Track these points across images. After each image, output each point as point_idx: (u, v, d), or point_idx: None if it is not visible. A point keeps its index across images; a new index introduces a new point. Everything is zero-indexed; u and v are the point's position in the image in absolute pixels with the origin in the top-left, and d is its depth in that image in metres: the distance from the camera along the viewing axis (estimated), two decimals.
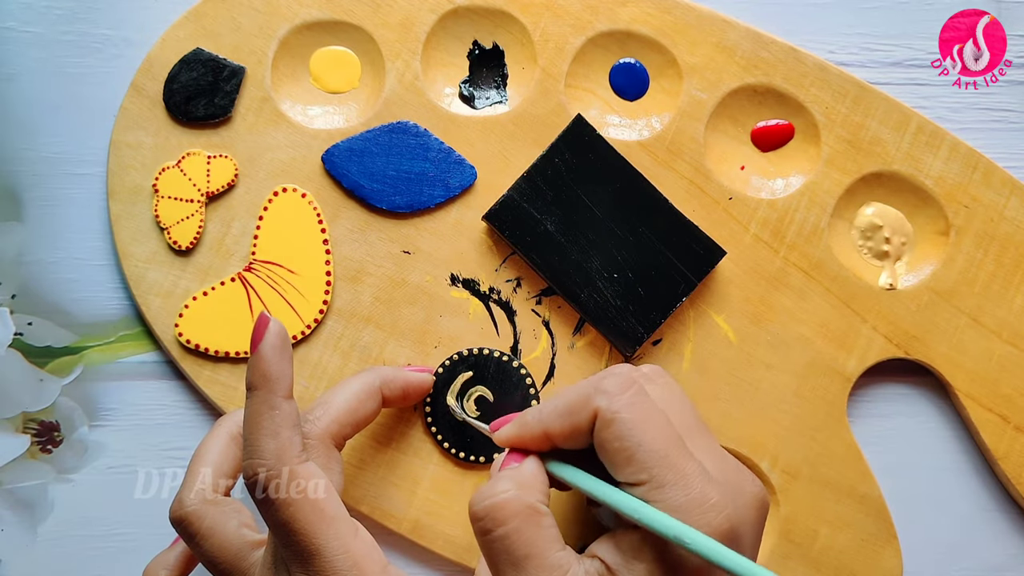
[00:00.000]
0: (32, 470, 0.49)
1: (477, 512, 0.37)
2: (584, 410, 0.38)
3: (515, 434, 0.40)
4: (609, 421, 0.37)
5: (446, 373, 0.48)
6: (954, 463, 0.50)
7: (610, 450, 0.37)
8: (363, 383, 0.44)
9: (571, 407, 0.38)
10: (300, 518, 0.37)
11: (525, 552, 0.36)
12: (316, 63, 0.50)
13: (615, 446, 0.37)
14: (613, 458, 0.37)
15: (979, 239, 0.49)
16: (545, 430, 0.39)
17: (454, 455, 0.48)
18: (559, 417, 0.39)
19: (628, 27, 0.49)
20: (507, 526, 0.37)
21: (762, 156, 0.50)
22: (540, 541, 0.37)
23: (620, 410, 0.37)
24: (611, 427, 0.37)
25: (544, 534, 0.37)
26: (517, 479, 0.38)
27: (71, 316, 0.49)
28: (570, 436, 0.39)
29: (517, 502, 0.37)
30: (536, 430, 0.39)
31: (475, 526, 0.37)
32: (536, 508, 0.37)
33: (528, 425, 0.40)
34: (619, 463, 0.37)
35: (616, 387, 0.38)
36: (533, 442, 0.40)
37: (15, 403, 0.49)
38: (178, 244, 0.48)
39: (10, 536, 0.49)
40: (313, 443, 0.42)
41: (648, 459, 0.36)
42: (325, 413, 0.42)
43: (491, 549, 0.37)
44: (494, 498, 0.37)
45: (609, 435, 0.37)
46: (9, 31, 0.49)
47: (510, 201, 0.48)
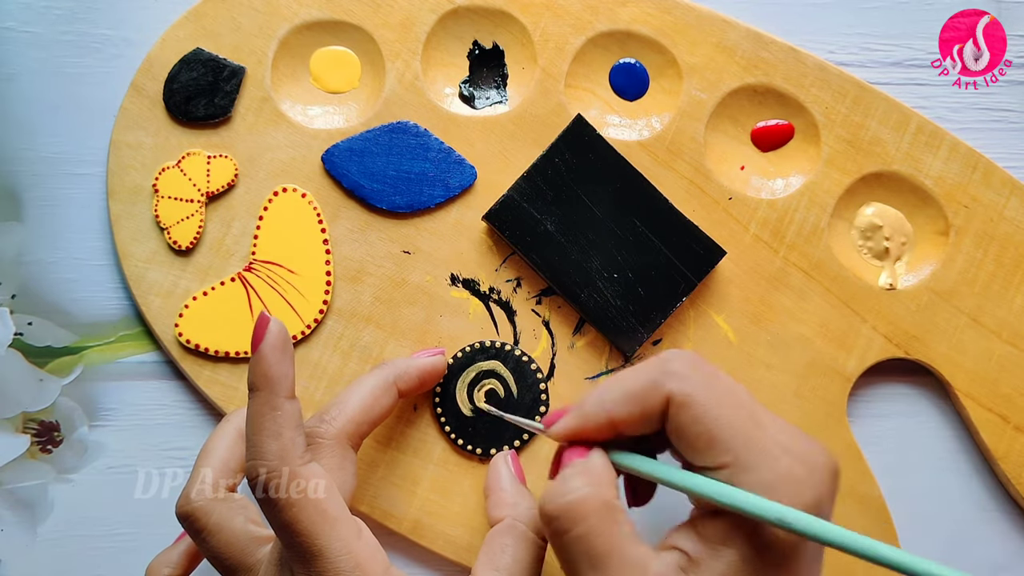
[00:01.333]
0: (32, 470, 0.49)
1: (551, 511, 0.36)
2: (654, 394, 0.37)
3: (577, 425, 0.38)
4: (685, 403, 0.36)
5: (464, 359, 0.48)
6: (954, 463, 0.50)
7: (690, 434, 0.36)
8: (377, 379, 0.44)
9: (638, 392, 0.37)
10: (303, 519, 0.37)
11: (605, 550, 0.35)
12: (316, 63, 0.50)
13: (695, 430, 0.36)
14: (693, 442, 0.36)
15: (979, 239, 0.49)
16: (610, 418, 0.38)
17: (460, 446, 0.48)
18: (626, 404, 0.37)
19: (628, 27, 0.49)
20: (585, 525, 0.35)
21: (762, 156, 0.50)
22: (619, 538, 0.36)
23: (694, 391, 0.36)
24: (688, 409, 0.36)
25: (622, 531, 0.36)
26: (588, 474, 0.37)
27: (71, 316, 0.49)
28: (639, 422, 0.37)
29: (593, 499, 0.36)
30: (600, 419, 0.38)
31: (549, 527, 0.36)
32: (612, 504, 0.36)
33: (590, 415, 0.38)
34: (700, 447, 0.36)
35: (686, 368, 0.37)
36: (596, 432, 0.38)
37: (15, 403, 0.49)
38: (178, 244, 0.48)
39: (10, 536, 0.49)
40: (328, 443, 0.41)
41: (731, 440, 0.35)
42: (340, 413, 0.42)
43: (568, 550, 0.36)
44: (568, 496, 0.36)
45: (687, 418, 0.36)
46: (9, 31, 0.49)
47: (510, 201, 0.48)
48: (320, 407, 0.46)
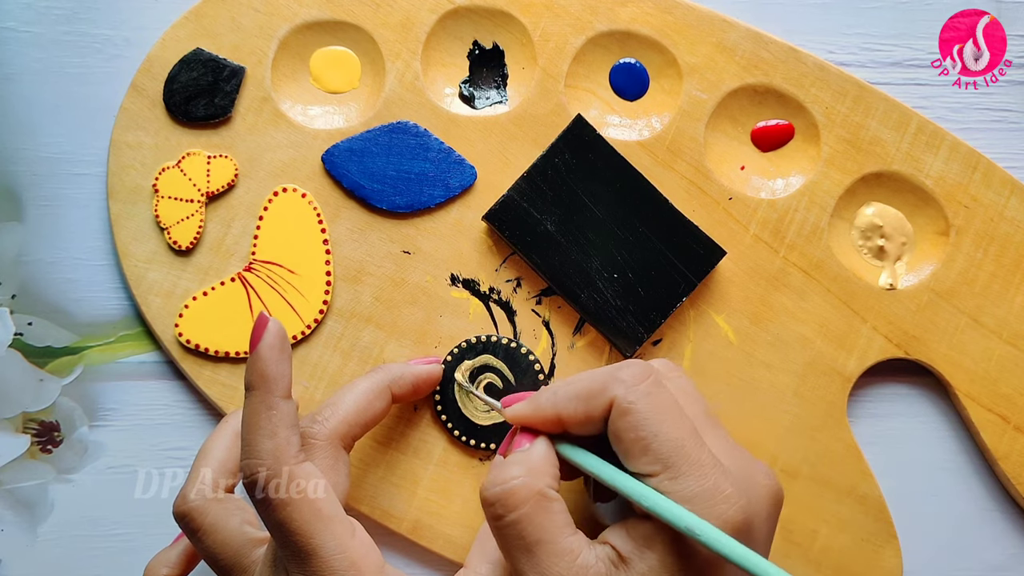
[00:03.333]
0: (32, 470, 0.49)
1: (488, 498, 0.37)
2: (600, 397, 0.38)
3: (528, 413, 0.40)
4: (625, 410, 0.37)
5: (454, 361, 0.48)
6: (954, 463, 0.50)
7: (625, 440, 0.37)
8: (372, 383, 0.44)
9: (587, 393, 0.38)
10: (297, 518, 0.37)
11: (536, 537, 0.37)
12: (316, 63, 0.50)
13: (630, 436, 0.37)
14: (628, 447, 0.37)
15: (979, 239, 0.49)
16: (559, 413, 0.39)
17: (464, 443, 0.48)
18: (574, 402, 0.39)
19: (628, 27, 0.49)
20: (517, 512, 0.37)
21: (762, 156, 0.50)
22: (551, 526, 0.37)
23: (637, 400, 0.37)
24: (627, 416, 0.37)
25: (555, 519, 0.37)
26: (527, 464, 0.38)
27: (71, 316, 0.49)
28: (583, 422, 0.39)
29: (527, 488, 0.37)
30: (549, 412, 0.39)
31: (486, 511, 0.38)
32: (546, 494, 0.37)
33: (541, 407, 0.40)
34: (634, 453, 0.37)
35: (633, 377, 0.38)
36: (545, 424, 0.40)
37: (15, 403, 0.49)
38: (178, 244, 0.48)
39: (10, 536, 0.49)
40: (321, 444, 0.41)
41: (663, 449, 0.37)
42: (333, 414, 0.42)
43: (503, 535, 0.37)
44: (504, 484, 0.37)
45: (625, 424, 0.37)
46: (9, 31, 0.49)
47: (510, 201, 0.48)
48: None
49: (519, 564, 0.37)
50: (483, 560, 0.42)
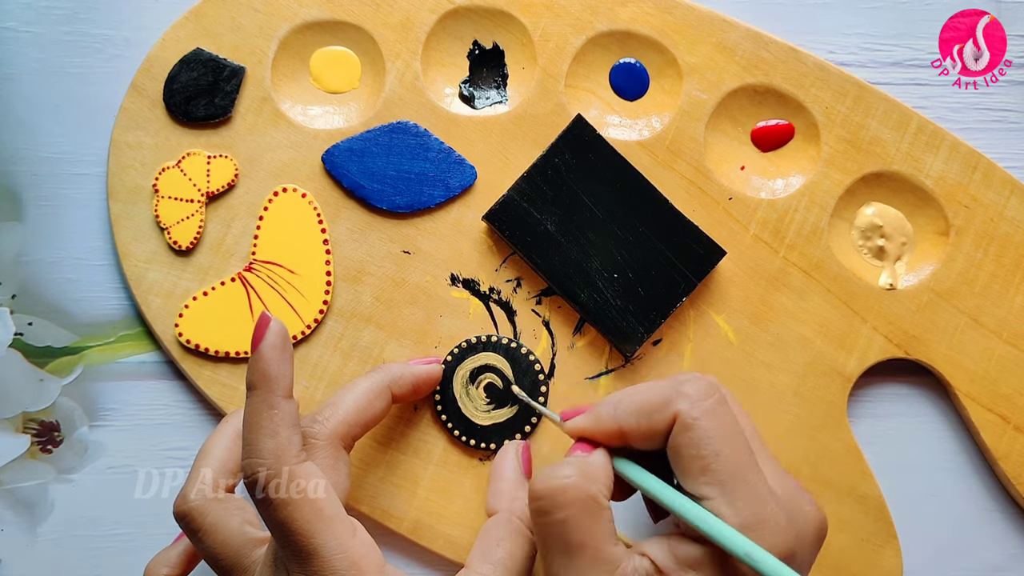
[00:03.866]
0: (32, 470, 0.49)
1: (539, 491, 0.37)
2: (663, 411, 0.37)
3: (589, 426, 0.39)
4: (689, 426, 0.37)
5: (455, 361, 0.48)
6: (954, 463, 0.50)
7: (685, 456, 0.37)
8: (372, 383, 0.44)
9: (650, 407, 0.38)
10: (298, 518, 0.37)
11: (580, 540, 0.36)
12: (316, 63, 0.50)
13: (691, 453, 0.37)
14: (687, 465, 0.37)
15: (979, 239, 0.49)
16: (620, 427, 0.39)
17: (464, 443, 0.48)
18: (636, 416, 0.38)
19: (628, 27, 0.49)
20: (566, 511, 0.36)
21: (762, 156, 0.50)
22: (597, 532, 0.36)
23: (701, 417, 0.37)
24: (690, 432, 0.37)
25: (602, 527, 0.37)
26: (582, 467, 0.38)
27: (71, 316, 0.49)
28: (646, 436, 0.38)
29: (579, 489, 0.37)
30: (610, 426, 0.39)
31: (533, 505, 0.37)
32: (597, 498, 0.37)
33: (602, 420, 0.39)
34: (693, 471, 0.37)
35: (699, 392, 0.37)
36: (605, 437, 0.39)
37: (15, 403, 0.49)
38: (178, 244, 0.48)
39: (10, 536, 0.49)
40: (321, 444, 0.41)
41: (723, 471, 0.36)
42: (333, 414, 0.42)
43: (546, 532, 0.37)
44: (557, 480, 0.37)
45: (686, 440, 0.37)
46: (9, 31, 0.49)
47: (510, 201, 0.48)
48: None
49: (555, 565, 0.37)
50: (485, 560, 0.42)
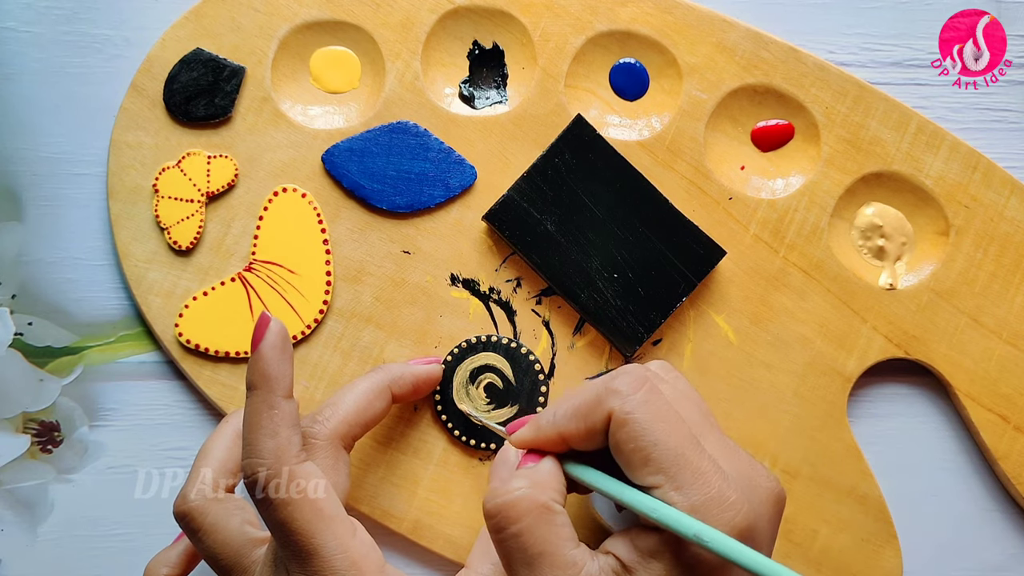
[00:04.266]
0: (32, 470, 0.49)
1: (489, 510, 0.37)
2: (598, 411, 0.38)
3: (531, 438, 0.40)
4: (623, 422, 0.37)
5: (454, 361, 0.48)
6: (954, 463, 0.50)
7: (626, 451, 0.37)
8: (372, 383, 0.44)
9: (584, 409, 0.38)
10: (298, 518, 0.37)
11: (538, 550, 0.36)
12: (316, 63, 0.50)
13: (630, 447, 0.37)
14: (629, 459, 0.37)
15: (979, 239, 0.49)
16: (560, 433, 0.39)
17: (465, 443, 0.48)
18: (573, 420, 0.38)
19: (628, 27, 0.49)
20: (519, 524, 0.37)
21: (762, 156, 0.50)
22: (553, 539, 0.37)
23: (634, 410, 0.37)
24: (625, 428, 0.37)
25: (557, 532, 0.37)
26: (531, 477, 0.38)
27: (71, 316, 0.49)
28: (585, 438, 0.38)
29: (529, 500, 0.37)
30: (551, 433, 0.39)
31: (488, 523, 0.37)
32: (548, 506, 0.37)
33: (543, 429, 0.39)
34: (635, 464, 0.37)
35: (628, 386, 0.37)
36: (549, 445, 0.39)
37: (15, 403, 0.49)
38: (178, 244, 0.48)
39: (10, 536, 0.49)
40: (321, 444, 0.41)
41: (664, 459, 0.36)
42: (333, 414, 0.42)
43: (504, 547, 0.37)
44: (506, 496, 0.37)
45: (624, 436, 0.37)
46: (9, 31, 0.49)
47: (510, 201, 0.48)
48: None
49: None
50: (485, 560, 0.42)
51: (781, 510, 0.39)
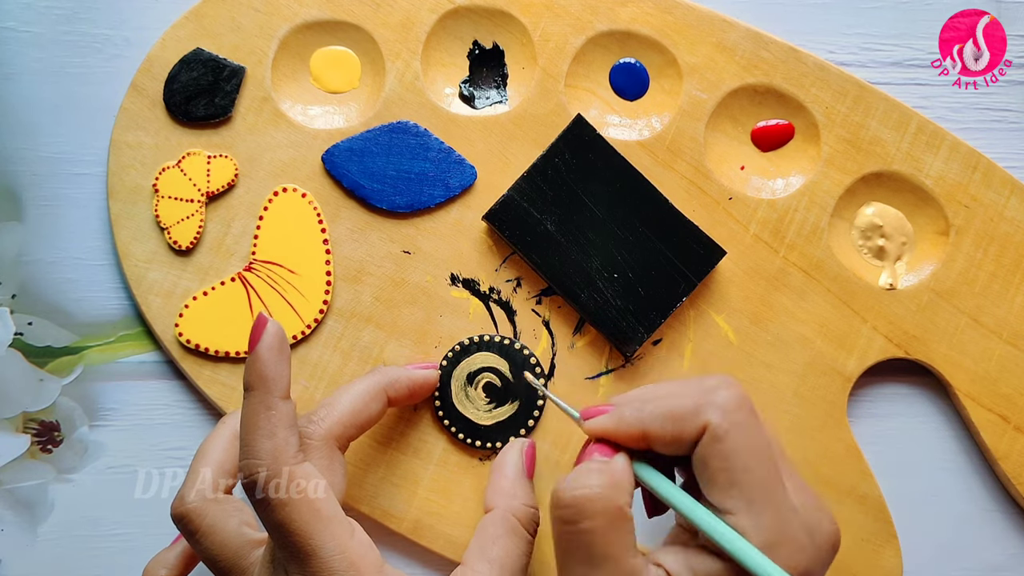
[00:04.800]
0: (32, 470, 0.49)
1: (564, 500, 0.36)
2: (693, 420, 0.37)
3: (611, 428, 0.39)
4: (720, 438, 0.36)
5: (450, 365, 0.48)
6: (954, 463, 0.50)
7: (712, 468, 0.36)
8: (368, 385, 0.44)
9: (679, 413, 0.37)
10: (296, 518, 0.37)
11: (603, 552, 0.36)
12: (316, 63, 0.50)
13: (720, 465, 0.36)
14: (713, 476, 0.36)
15: (979, 239, 0.49)
16: (645, 431, 0.38)
17: (466, 443, 0.48)
18: (661, 420, 0.37)
19: (628, 27, 0.49)
20: (592, 522, 0.36)
21: (762, 156, 0.50)
22: (620, 544, 0.36)
23: (732, 429, 0.36)
24: (720, 444, 0.36)
25: (625, 539, 0.36)
26: (610, 475, 0.37)
27: (71, 316, 0.49)
28: (670, 442, 0.37)
29: (607, 500, 0.36)
30: (634, 429, 0.38)
31: (556, 513, 0.37)
32: (624, 511, 0.36)
33: (626, 421, 0.38)
34: (720, 484, 0.36)
35: (731, 403, 0.37)
36: (628, 440, 0.38)
37: (15, 403, 0.49)
38: (178, 244, 0.48)
39: (10, 536, 0.49)
40: (316, 444, 0.41)
41: (751, 487, 0.36)
42: (329, 415, 0.42)
43: (569, 540, 0.36)
44: (585, 490, 0.36)
45: (715, 452, 0.36)
46: (9, 31, 0.49)
47: (510, 201, 0.48)
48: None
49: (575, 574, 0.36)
50: (481, 558, 0.42)
51: (836, 552, 0.38)
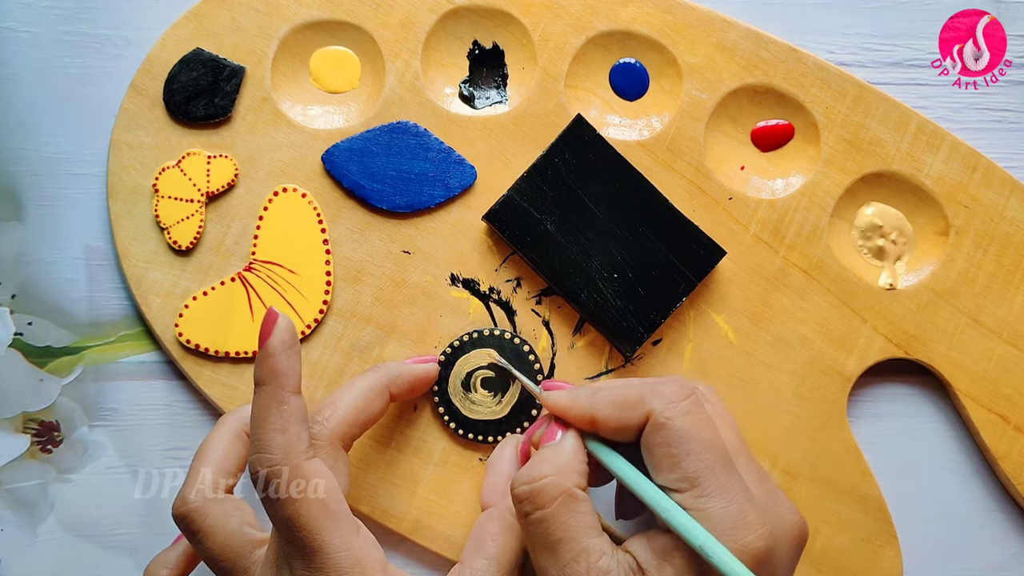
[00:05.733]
0: (32, 470, 0.49)
1: (518, 495, 0.38)
2: (638, 408, 0.38)
3: (564, 405, 0.40)
4: (661, 425, 0.38)
5: (449, 359, 0.48)
6: (954, 463, 0.50)
7: (656, 454, 0.38)
8: (370, 382, 0.44)
9: (626, 401, 0.39)
10: (304, 514, 0.38)
11: (560, 536, 0.37)
12: (316, 63, 0.50)
13: (662, 451, 0.38)
14: (659, 462, 0.38)
15: (979, 239, 0.49)
16: (594, 415, 0.40)
17: (464, 437, 0.48)
18: (610, 407, 0.39)
19: (628, 27, 0.49)
20: (545, 510, 0.38)
21: (762, 156, 0.50)
22: (575, 525, 0.38)
23: (674, 416, 0.38)
24: (662, 431, 0.38)
25: (580, 519, 0.38)
26: (557, 462, 0.39)
27: (71, 316, 0.49)
28: (616, 429, 0.39)
29: (555, 487, 0.38)
30: (585, 410, 0.40)
31: (516, 507, 0.39)
32: (573, 493, 0.38)
33: (579, 401, 0.40)
34: (663, 467, 0.38)
35: (674, 394, 0.38)
36: (577, 420, 0.40)
37: (15, 403, 0.49)
38: (178, 244, 0.48)
39: (10, 536, 0.49)
40: (321, 444, 0.42)
41: (692, 467, 0.37)
42: (333, 414, 0.42)
43: (529, 531, 0.38)
44: (534, 483, 0.38)
45: (658, 439, 0.38)
46: (9, 31, 0.49)
47: (510, 201, 0.48)
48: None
49: (542, 561, 0.38)
50: (479, 555, 0.42)
51: (802, 545, 0.40)
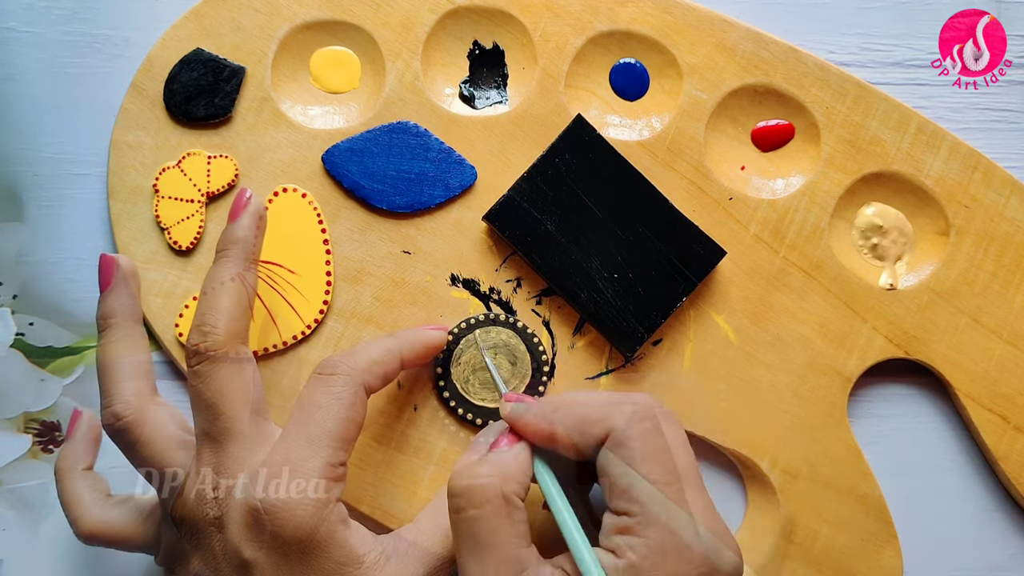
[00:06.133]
0: (33, 470, 0.49)
1: (454, 488, 0.38)
2: (597, 427, 0.38)
3: (522, 420, 0.40)
4: (620, 443, 0.38)
5: (462, 333, 0.48)
6: (954, 463, 0.50)
7: (611, 474, 0.38)
8: (388, 343, 0.44)
9: (586, 421, 0.39)
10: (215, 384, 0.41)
11: (488, 540, 0.37)
12: (316, 63, 0.50)
13: (617, 471, 0.37)
14: (612, 483, 0.38)
15: (979, 239, 0.49)
16: (553, 432, 0.39)
17: (469, 421, 0.48)
18: (569, 426, 0.39)
19: (628, 27, 0.49)
20: (478, 510, 0.37)
21: (762, 156, 0.50)
22: (504, 533, 0.37)
23: (632, 439, 0.38)
24: (621, 449, 0.38)
25: (511, 528, 0.37)
26: (501, 466, 0.38)
27: (72, 316, 0.49)
28: (573, 448, 0.39)
29: (492, 489, 0.37)
30: (544, 427, 0.40)
31: (449, 501, 0.38)
32: (509, 498, 0.37)
33: (538, 418, 0.40)
34: (616, 491, 0.38)
35: (635, 415, 0.38)
36: (535, 436, 0.40)
37: (16, 403, 0.49)
38: (178, 244, 0.48)
39: (11, 536, 0.49)
40: (343, 379, 0.41)
41: (644, 495, 0.37)
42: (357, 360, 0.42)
43: (458, 528, 0.38)
44: (473, 480, 0.38)
45: (614, 460, 0.38)
46: (9, 31, 0.49)
47: (510, 201, 0.48)
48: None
49: (466, 561, 0.37)
50: (431, 522, 0.42)
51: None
